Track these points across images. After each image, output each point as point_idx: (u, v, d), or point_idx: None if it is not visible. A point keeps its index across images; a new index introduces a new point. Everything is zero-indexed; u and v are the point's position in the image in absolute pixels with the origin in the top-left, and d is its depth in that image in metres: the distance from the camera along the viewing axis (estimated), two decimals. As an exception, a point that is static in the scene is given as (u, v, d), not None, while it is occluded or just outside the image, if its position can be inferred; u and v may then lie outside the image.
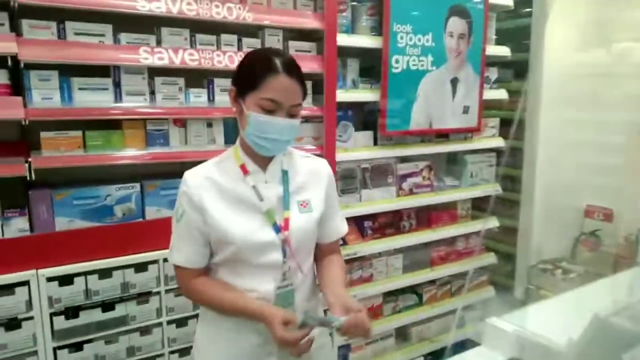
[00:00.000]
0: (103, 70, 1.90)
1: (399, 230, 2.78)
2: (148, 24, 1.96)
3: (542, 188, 3.22)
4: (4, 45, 1.65)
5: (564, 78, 3.09)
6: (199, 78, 2.11)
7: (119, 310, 1.91)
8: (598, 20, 3.08)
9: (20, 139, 1.90)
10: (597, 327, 1.05)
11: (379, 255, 2.70)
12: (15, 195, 1.79)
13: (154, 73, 1.97)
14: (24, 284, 1.73)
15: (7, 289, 1.71)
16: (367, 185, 2.60)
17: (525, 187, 3.28)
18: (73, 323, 1.83)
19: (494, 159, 3.10)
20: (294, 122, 1.31)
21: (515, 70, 3.49)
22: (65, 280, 1.80)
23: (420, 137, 2.77)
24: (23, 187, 1.82)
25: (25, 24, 1.73)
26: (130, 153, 1.94)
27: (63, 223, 1.84)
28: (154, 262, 1.94)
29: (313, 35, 2.32)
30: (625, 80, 2.78)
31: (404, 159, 2.76)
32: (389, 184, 2.68)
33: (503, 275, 3.48)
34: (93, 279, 1.85)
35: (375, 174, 2.63)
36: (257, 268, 1.34)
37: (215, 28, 2.08)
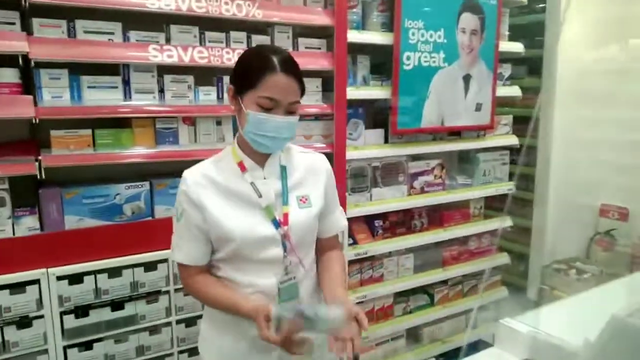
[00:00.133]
0: (112, 69, 1.90)
1: (410, 230, 2.75)
2: (157, 22, 1.96)
3: (556, 187, 3.17)
4: (15, 44, 1.66)
5: (579, 75, 3.04)
6: (208, 76, 2.10)
7: (129, 310, 1.91)
8: (614, 17, 3.03)
9: (31, 138, 1.91)
10: (615, 328, 1.02)
11: (390, 255, 2.68)
12: (26, 194, 1.80)
13: (163, 71, 1.97)
14: (35, 283, 1.74)
15: (18, 288, 1.72)
16: (377, 184, 2.57)
17: (539, 185, 3.24)
18: (83, 322, 1.83)
19: (507, 157, 3.06)
20: (292, 119, 1.32)
21: (529, 67, 3.45)
22: (75, 279, 1.81)
23: (432, 134, 2.74)
24: (33, 185, 1.83)
25: (36, 23, 1.73)
26: (140, 151, 1.93)
27: (72, 222, 1.85)
28: (164, 261, 1.94)
29: (323, 32, 2.30)
30: (642, 77, 2.73)
31: (415, 157, 2.73)
32: (400, 183, 2.65)
33: (516, 276, 3.44)
34: (103, 278, 1.85)
35: (386, 173, 2.60)
36: (258, 263, 1.35)
37: (225, 25, 2.07)
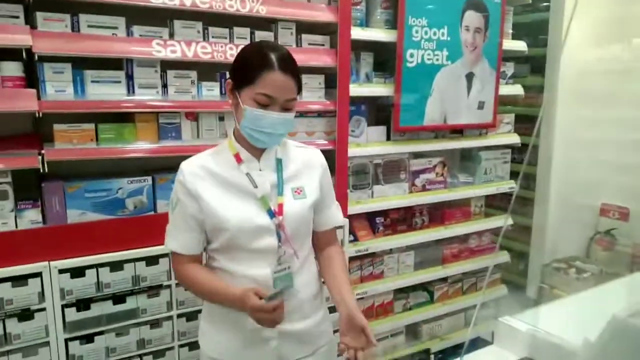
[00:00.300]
0: (116, 63, 1.90)
1: (411, 227, 2.76)
2: (161, 17, 1.95)
3: (557, 185, 3.17)
4: (19, 38, 1.66)
5: (582, 74, 3.03)
6: (212, 71, 2.10)
7: (130, 303, 1.92)
8: (617, 16, 3.02)
9: (34, 131, 1.91)
10: (615, 328, 1.03)
11: (390, 252, 2.68)
12: (29, 187, 1.80)
13: (167, 66, 1.97)
14: (37, 276, 1.74)
15: (20, 280, 1.72)
16: (379, 181, 2.58)
17: (540, 184, 3.24)
18: (84, 315, 1.84)
19: (509, 156, 3.06)
20: (288, 116, 1.34)
21: (532, 66, 3.44)
22: (77, 273, 1.81)
23: (434, 132, 2.74)
24: (36, 179, 1.84)
25: (40, 17, 1.73)
26: (142, 146, 1.94)
27: (75, 215, 1.85)
28: (165, 255, 1.94)
29: (327, 29, 2.29)
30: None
31: (417, 155, 2.73)
32: (402, 180, 2.65)
33: (516, 274, 3.45)
34: (104, 272, 1.86)
35: (388, 170, 2.60)
36: (253, 253, 1.38)
37: (228, 21, 2.07)
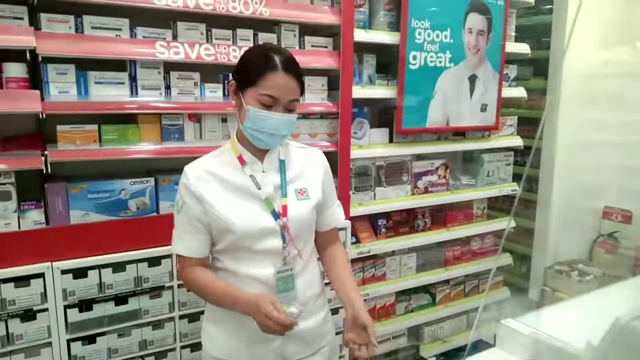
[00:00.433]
0: (119, 65, 1.90)
1: (413, 229, 2.76)
2: (164, 19, 1.96)
3: (559, 188, 3.16)
4: (23, 39, 1.66)
5: (585, 77, 3.03)
6: (215, 73, 2.10)
7: (132, 304, 1.92)
8: (622, 19, 3.01)
9: (37, 132, 1.92)
10: (619, 331, 1.03)
11: (393, 254, 2.68)
12: (32, 188, 1.81)
13: (170, 68, 1.97)
14: (39, 276, 1.75)
15: (23, 281, 1.73)
16: (381, 183, 2.58)
17: (543, 187, 3.23)
18: (86, 316, 1.84)
19: (511, 158, 3.06)
20: (291, 117, 1.36)
21: (535, 68, 3.44)
22: (80, 273, 1.81)
23: (437, 134, 2.74)
24: (39, 180, 1.84)
25: (44, 18, 1.73)
26: (145, 147, 1.94)
27: (78, 216, 1.85)
28: (167, 256, 1.94)
29: (329, 31, 2.30)
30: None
31: (420, 157, 2.73)
32: (404, 182, 2.65)
33: (518, 276, 3.44)
34: (107, 273, 1.86)
35: (390, 172, 2.60)
36: (257, 254, 1.39)
37: (231, 23, 2.07)
